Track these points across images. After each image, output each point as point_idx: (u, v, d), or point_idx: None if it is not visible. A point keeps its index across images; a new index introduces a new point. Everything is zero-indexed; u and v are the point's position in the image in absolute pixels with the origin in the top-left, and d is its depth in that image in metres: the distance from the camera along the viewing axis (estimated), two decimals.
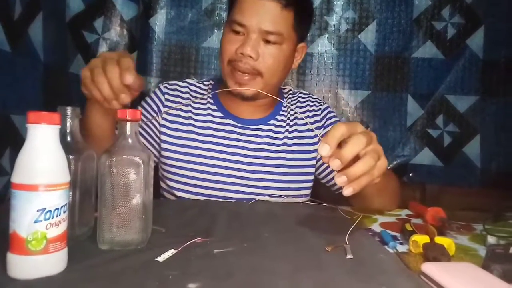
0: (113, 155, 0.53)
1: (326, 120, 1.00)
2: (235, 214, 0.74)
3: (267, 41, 0.84)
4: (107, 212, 0.53)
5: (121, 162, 0.53)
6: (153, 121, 0.93)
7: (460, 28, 1.38)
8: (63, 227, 0.45)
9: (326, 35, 1.42)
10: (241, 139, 0.93)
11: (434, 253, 0.52)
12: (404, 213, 0.82)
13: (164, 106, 0.95)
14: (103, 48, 1.21)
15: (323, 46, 1.42)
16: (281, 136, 0.96)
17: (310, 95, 1.04)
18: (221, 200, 0.88)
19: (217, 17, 1.41)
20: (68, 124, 0.55)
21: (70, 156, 0.54)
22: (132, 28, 1.27)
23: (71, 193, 0.54)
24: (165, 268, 0.46)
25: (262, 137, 0.94)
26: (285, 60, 0.88)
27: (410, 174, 1.39)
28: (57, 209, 0.44)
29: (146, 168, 0.55)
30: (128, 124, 0.55)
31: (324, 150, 0.51)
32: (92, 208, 0.58)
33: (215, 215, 0.72)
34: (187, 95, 0.97)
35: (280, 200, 0.91)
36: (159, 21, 1.37)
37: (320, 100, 1.04)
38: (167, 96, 0.95)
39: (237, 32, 0.84)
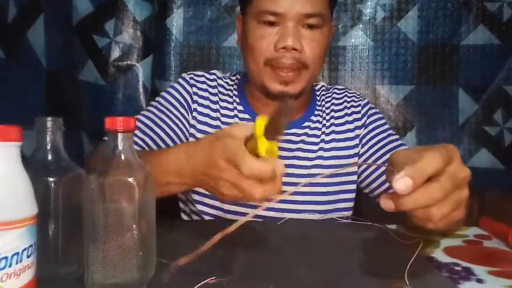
0: (100, 176, 0.42)
1: (367, 118, 0.85)
2: (261, 238, 0.62)
3: (308, 26, 0.72)
4: (95, 248, 0.42)
5: (111, 185, 0.42)
6: (182, 119, 0.80)
7: None
8: (27, 276, 0.34)
9: (360, 25, 1.27)
10: None
11: None
12: (471, 232, 0.67)
13: (194, 101, 0.82)
14: (115, 52, 1.13)
15: (357, 37, 1.27)
16: (317, 140, 0.82)
17: (347, 90, 0.90)
18: (245, 218, 0.76)
19: (238, 14, 1.29)
20: (48, 139, 0.45)
21: (50, 179, 0.44)
22: (146, 30, 1.18)
23: (52, 225, 0.44)
24: None
25: (295, 142, 0.81)
26: (327, 45, 0.76)
27: None
28: (17, 254, 0.33)
29: (143, 191, 0.43)
30: (120, 136, 0.44)
31: (403, 185, 0.36)
32: (82, 241, 0.47)
33: (237, 239, 0.59)
34: (215, 90, 0.84)
35: (318, 217, 0.77)
36: (176, 21, 1.27)
37: (358, 95, 0.89)
38: (195, 89, 0.82)
39: (270, 23, 0.72)
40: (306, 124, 0.83)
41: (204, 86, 0.83)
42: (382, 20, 1.26)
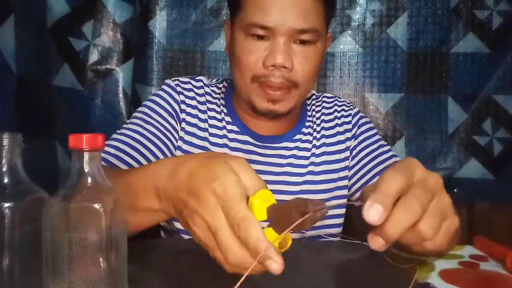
0: (62, 201, 0.37)
1: (358, 128, 0.81)
2: None
3: (300, 42, 0.66)
4: (55, 283, 0.38)
5: (74, 212, 0.38)
6: (172, 131, 0.73)
7: (507, 16, 1.19)
8: None
9: (349, 31, 1.25)
10: (261, 160, 0.75)
11: None
12: (466, 252, 0.63)
13: (182, 110, 0.74)
14: (94, 55, 1.07)
15: (346, 44, 1.25)
16: (307, 154, 0.77)
17: (336, 99, 0.86)
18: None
19: (224, 17, 1.26)
20: (4, 159, 0.40)
21: (5, 204, 0.39)
22: (127, 32, 1.13)
23: (8, 257, 0.39)
24: None
25: (286, 157, 0.76)
26: (321, 61, 0.70)
27: (455, 190, 1.19)
28: None
29: (112, 218, 0.39)
30: (86, 155, 0.39)
31: (375, 214, 0.32)
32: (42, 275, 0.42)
33: (217, 263, 0.55)
34: (203, 98, 0.77)
35: (307, 235, 0.73)
36: (159, 23, 1.22)
37: (348, 103, 0.85)
38: (182, 97, 0.75)
39: (259, 37, 0.66)
40: (298, 137, 0.78)
41: (191, 94, 0.76)
42: (372, 27, 1.24)
